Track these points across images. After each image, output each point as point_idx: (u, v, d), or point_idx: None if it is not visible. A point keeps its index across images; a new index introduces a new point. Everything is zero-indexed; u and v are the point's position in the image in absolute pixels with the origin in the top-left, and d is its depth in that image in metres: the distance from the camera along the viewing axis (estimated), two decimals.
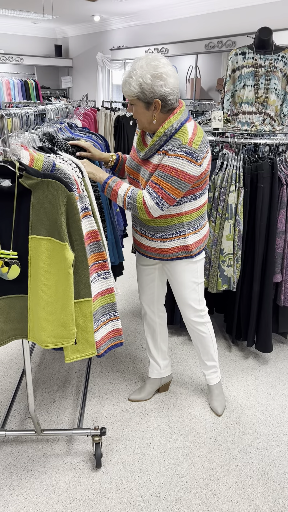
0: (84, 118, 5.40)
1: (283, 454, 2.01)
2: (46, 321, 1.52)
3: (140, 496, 1.80)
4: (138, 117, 1.78)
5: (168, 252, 1.94)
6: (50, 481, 1.86)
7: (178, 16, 7.53)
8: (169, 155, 1.70)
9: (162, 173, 1.71)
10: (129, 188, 1.78)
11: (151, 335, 2.29)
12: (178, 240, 1.91)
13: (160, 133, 1.72)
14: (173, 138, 1.70)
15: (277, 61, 2.91)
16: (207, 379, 2.29)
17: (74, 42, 10.37)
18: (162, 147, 1.74)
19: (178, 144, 1.68)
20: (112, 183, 1.79)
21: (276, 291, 2.58)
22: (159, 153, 1.75)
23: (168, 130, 1.71)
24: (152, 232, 1.92)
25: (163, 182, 1.71)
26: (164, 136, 1.71)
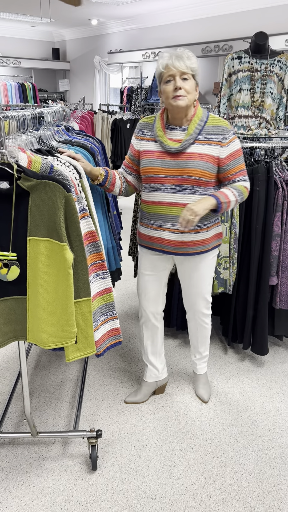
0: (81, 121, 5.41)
1: (278, 456, 2.01)
2: (46, 322, 1.52)
3: (136, 498, 1.80)
4: (188, 93, 1.78)
5: (209, 242, 2.00)
6: (45, 484, 1.86)
7: (175, 20, 7.58)
8: (225, 144, 1.86)
9: (235, 160, 1.89)
10: (232, 190, 1.85)
11: (151, 341, 2.27)
12: (215, 228, 2.02)
13: (196, 120, 1.84)
14: (215, 126, 1.84)
15: (273, 65, 2.93)
16: (198, 368, 2.38)
17: (71, 45, 10.40)
18: (200, 135, 1.83)
19: (226, 131, 1.86)
20: (222, 198, 1.81)
21: (271, 293, 2.59)
22: (198, 142, 1.83)
23: (202, 117, 1.85)
24: (198, 223, 1.93)
25: (241, 164, 1.91)
26: (200, 123, 1.84)
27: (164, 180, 1.88)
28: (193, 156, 1.83)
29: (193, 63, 1.76)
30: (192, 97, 1.80)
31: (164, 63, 1.77)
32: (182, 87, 1.76)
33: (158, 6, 7.29)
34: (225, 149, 1.86)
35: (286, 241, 2.47)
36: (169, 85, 1.78)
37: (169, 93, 1.78)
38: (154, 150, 1.90)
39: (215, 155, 1.85)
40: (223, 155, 1.86)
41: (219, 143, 1.84)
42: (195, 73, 1.79)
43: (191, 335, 2.32)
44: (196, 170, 1.83)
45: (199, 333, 2.27)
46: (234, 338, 2.74)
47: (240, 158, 1.91)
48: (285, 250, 2.48)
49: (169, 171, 1.86)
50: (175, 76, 1.76)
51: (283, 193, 2.42)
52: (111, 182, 1.98)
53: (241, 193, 1.89)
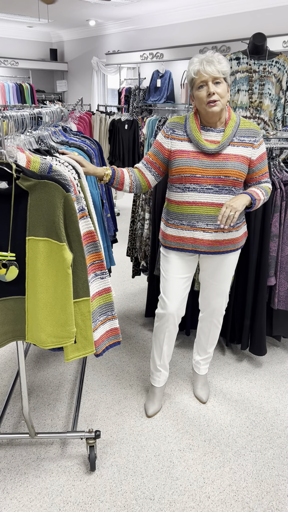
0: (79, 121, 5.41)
1: (276, 456, 2.01)
2: (45, 322, 1.52)
3: (135, 499, 1.80)
4: (222, 97, 1.80)
5: (239, 240, 2.05)
6: (44, 485, 1.85)
7: (173, 21, 7.59)
8: (257, 146, 1.91)
9: (263, 162, 1.96)
10: (261, 190, 1.91)
11: (168, 346, 2.18)
12: (243, 226, 2.07)
13: (232, 123, 1.89)
14: (247, 129, 1.90)
15: (271, 66, 2.94)
16: (201, 368, 2.39)
17: (69, 46, 10.40)
18: (234, 137, 1.88)
19: (257, 133, 1.92)
20: (256, 195, 1.86)
21: (270, 294, 2.59)
22: (233, 144, 1.88)
23: (237, 120, 1.90)
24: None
25: (266, 166, 1.98)
26: (235, 126, 1.88)
27: (201, 180, 1.88)
28: (230, 157, 1.87)
29: (224, 67, 1.77)
30: (225, 100, 1.83)
31: (195, 69, 1.77)
32: (216, 92, 1.77)
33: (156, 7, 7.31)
34: (256, 151, 1.91)
35: (284, 242, 2.47)
36: (202, 90, 1.79)
37: (203, 98, 1.79)
38: (190, 150, 1.89)
39: (248, 156, 1.90)
40: (254, 156, 1.92)
41: (252, 145, 1.90)
42: (226, 76, 1.81)
43: (202, 336, 2.31)
44: (234, 171, 1.87)
45: (211, 334, 2.28)
46: (233, 339, 2.74)
47: (266, 161, 1.98)
48: (283, 251, 2.48)
49: (206, 171, 1.87)
50: (207, 81, 1.76)
51: (281, 194, 2.42)
52: (119, 181, 1.95)
53: (267, 193, 1.96)
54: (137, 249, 3.01)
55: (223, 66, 1.77)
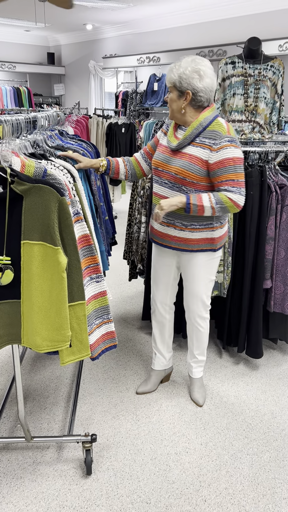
0: (76, 125, 5.42)
1: (273, 459, 2.01)
2: (40, 325, 1.52)
3: (131, 503, 1.79)
4: (171, 104, 1.96)
5: (194, 243, 2.05)
6: (40, 489, 1.85)
7: (169, 25, 7.62)
8: (216, 150, 1.86)
9: (224, 168, 1.86)
10: (210, 196, 1.87)
11: (159, 330, 2.38)
12: (206, 232, 2.04)
13: (195, 124, 1.91)
14: (212, 131, 1.88)
15: (266, 70, 2.96)
16: (193, 372, 2.40)
17: (66, 50, 10.43)
18: (196, 138, 1.91)
19: (219, 136, 1.87)
20: (194, 200, 1.86)
21: (266, 297, 2.60)
22: (194, 144, 1.91)
23: (203, 121, 1.90)
24: (183, 221, 2.01)
25: (231, 174, 1.86)
26: (199, 127, 1.90)
27: (162, 174, 2.02)
28: (185, 156, 1.93)
29: (172, 75, 1.89)
30: (176, 107, 1.94)
31: None
32: (166, 100, 1.98)
33: (152, 12, 7.34)
34: (214, 155, 1.87)
35: (280, 245, 2.48)
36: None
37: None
38: (164, 145, 2.05)
39: (204, 159, 1.89)
40: (211, 160, 1.88)
41: (210, 147, 1.89)
42: (175, 83, 1.90)
43: (188, 337, 2.36)
44: (180, 169, 1.93)
45: (194, 336, 2.30)
46: (229, 342, 2.75)
47: (230, 167, 1.85)
48: (279, 254, 2.49)
49: (166, 166, 1.98)
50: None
51: (277, 197, 2.43)
52: (114, 170, 2.12)
53: (221, 202, 1.85)
54: (133, 252, 3.01)
55: (172, 74, 1.89)
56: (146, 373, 2.63)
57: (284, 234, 2.46)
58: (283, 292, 2.52)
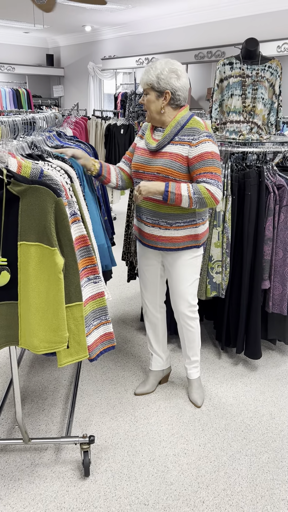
0: (75, 126, 5.42)
1: (271, 460, 2.01)
2: (38, 327, 1.52)
3: (129, 504, 1.79)
4: (149, 106, 1.96)
5: (179, 241, 2.07)
6: (37, 491, 1.84)
7: (168, 26, 7.63)
8: (195, 145, 1.90)
9: (202, 161, 1.89)
10: (189, 186, 1.88)
11: (152, 330, 2.39)
12: (189, 229, 2.06)
13: (173, 123, 1.94)
14: (190, 128, 1.93)
15: (263, 71, 2.96)
16: (189, 373, 2.40)
17: (65, 52, 10.44)
18: (175, 136, 1.94)
19: (198, 132, 1.92)
20: (172, 188, 1.88)
21: (264, 297, 2.60)
22: (173, 143, 1.94)
23: (181, 120, 1.94)
24: (167, 220, 2.03)
25: (209, 167, 1.89)
26: (177, 125, 1.94)
27: (143, 176, 2.03)
28: (165, 155, 1.96)
29: (149, 76, 1.90)
30: (154, 108, 1.95)
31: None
32: (143, 103, 1.99)
33: (151, 13, 7.35)
34: (193, 149, 1.91)
35: (278, 245, 2.48)
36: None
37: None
38: (141, 148, 2.08)
39: (184, 155, 1.93)
40: (191, 155, 1.92)
41: (189, 143, 1.93)
42: (153, 85, 1.91)
43: (180, 339, 2.36)
44: (163, 168, 1.95)
45: (185, 337, 2.30)
46: (228, 343, 2.74)
47: (209, 161, 1.89)
48: (277, 254, 2.49)
49: (148, 167, 2.01)
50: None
51: (275, 198, 2.43)
52: (106, 171, 2.10)
53: (199, 192, 1.86)
54: (132, 253, 3.01)
55: (149, 75, 1.90)
56: (144, 374, 2.62)
57: (282, 234, 2.46)
58: (281, 293, 2.52)
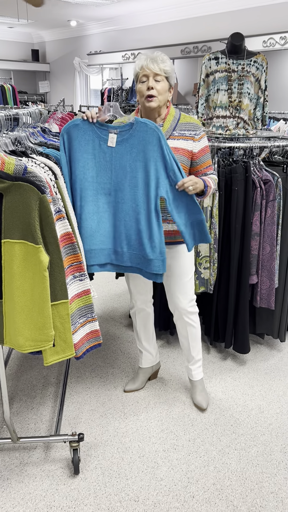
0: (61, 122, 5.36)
1: (260, 454, 2.02)
2: (23, 325, 1.50)
3: (119, 501, 1.79)
4: (160, 94, 1.89)
5: (178, 234, 2.06)
6: (27, 490, 1.83)
7: (154, 21, 7.60)
8: (198, 139, 1.97)
9: (206, 155, 2.01)
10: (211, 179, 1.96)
11: (143, 327, 2.35)
12: None
13: (170, 118, 1.96)
14: (187, 123, 1.96)
15: (249, 66, 2.96)
16: (193, 374, 2.33)
17: (51, 47, 10.34)
18: (174, 131, 1.95)
19: (198, 127, 1.98)
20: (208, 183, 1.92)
21: (252, 292, 2.61)
22: (173, 137, 1.94)
23: (175, 115, 1.98)
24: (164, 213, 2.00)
25: (209, 159, 2.03)
26: (174, 120, 1.96)
27: None
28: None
29: (166, 66, 1.89)
30: (163, 98, 1.92)
31: (140, 64, 1.91)
32: (154, 87, 1.89)
33: (137, 8, 7.30)
34: (197, 144, 1.97)
35: (265, 240, 2.49)
36: (143, 84, 1.92)
37: (143, 92, 1.91)
38: None
39: (189, 149, 1.97)
40: (196, 149, 1.98)
41: (192, 138, 1.96)
42: (168, 75, 1.91)
43: (183, 340, 2.27)
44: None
45: (188, 335, 2.22)
46: (216, 337, 2.75)
47: (209, 154, 2.03)
48: (264, 249, 2.50)
49: None
50: (148, 76, 1.90)
51: (261, 193, 2.44)
52: None
53: (216, 184, 2.02)
54: None
55: (166, 65, 1.89)
56: (133, 371, 2.62)
57: (269, 229, 2.47)
58: (269, 287, 2.53)
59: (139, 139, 1.80)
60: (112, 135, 1.80)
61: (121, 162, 1.82)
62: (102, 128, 1.81)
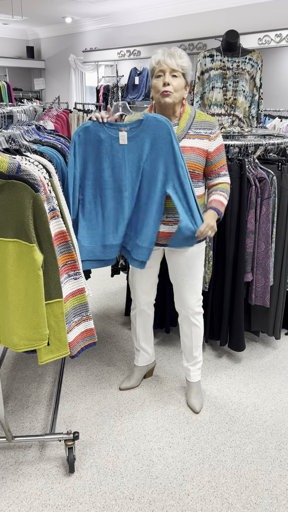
0: (57, 120, 5.34)
1: (255, 451, 2.03)
2: (17, 324, 1.49)
3: (114, 499, 1.79)
4: (176, 91, 1.85)
5: None
6: (22, 489, 1.83)
7: (150, 18, 7.57)
8: (213, 138, 1.95)
9: (220, 154, 1.99)
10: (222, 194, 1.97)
11: (143, 328, 2.34)
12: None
13: (186, 116, 1.92)
14: (203, 121, 1.93)
15: (244, 63, 2.95)
16: (191, 375, 2.31)
17: (46, 44, 10.29)
18: (189, 130, 1.91)
19: (213, 125, 1.95)
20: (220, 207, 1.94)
21: (247, 290, 2.61)
22: (188, 136, 1.91)
23: (191, 113, 1.94)
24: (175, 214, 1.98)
25: (224, 159, 2.01)
26: (190, 119, 1.92)
27: None
28: (186, 149, 1.91)
29: (184, 62, 1.84)
30: (179, 95, 1.87)
31: (156, 59, 1.86)
32: (170, 83, 1.84)
33: (132, 5, 7.28)
34: (213, 143, 1.95)
35: (260, 238, 2.49)
36: (159, 80, 1.87)
37: (158, 88, 1.86)
38: None
39: (204, 149, 1.94)
40: (211, 148, 1.95)
41: (208, 137, 1.94)
42: (185, 72, 1.86)
43: (185, 339, 2.25)
44: (190, 163, 1.92)
45: (192, 336, 2.21)
46: (211, 335, 2.76)
47: (224, 153, 2.01)
48: (259, 247, 2.50)
49: None
50: (165, 72, 1.84)
51: (256, 190, 2.44)
52: None
53: (228, 192, 2.02)
54: None
55: (183, 61, 1.84)
56: (129, 369, 2.62)
57: (264, 227, 2.47)
58: (264, 285, 2.53)
59: (149, 134, 1.80)
60: (122, 133, 1.81)
61: (133, 158, 1.84)
62: (112, 128, 1.83)
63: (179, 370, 2.61)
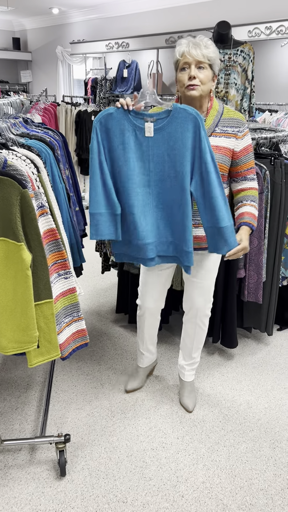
0: (44, 113, 5.24)
1: (249, 450, 2.01)
2: (5, 326, 1.43)
3: (107, 503, 1.75)
4: (203, 83, 1.72)
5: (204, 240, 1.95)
6: (12, 494, 1.78)
7: (138, 10, 7.46)
8: (241, 137, 1.82)
9: (248, 155, 1.86)
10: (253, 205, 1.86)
11: (150, 332, 2.25)
12: None
13: (213, 113, 1.80)
14: (231, 118, 1.81)
15: (236, 55, 2.90)
16: (185, 374, 2.27)
17: (32, 35, 10.10)
18: (216, 127, 1.80)
19: (242, 123, 1.83)
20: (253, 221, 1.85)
21: (239, 286, 2.58)
22: (215, 134, 1.80)
23: (219, 109, 1.82)
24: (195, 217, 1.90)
25: (252, 161, 1.88)
26: (217, 116, 1.81)
27: None
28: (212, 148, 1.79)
29: (210, 52, 1.70)
30: (206, 87, 1.74)
31: (181, 51, 1.72)
32: (197, 76, 1.70)
33: None
34: (240, 142, 1.83)
35: (253, 234, 2.45)
36: (184, 73, 1.73)
37: (183, 81, 1.73)
38: None
39: (231, 148, 1.83)
40: (238, 148, 1.83)
41: (235, 135, 1.81)
42: (212, 63, 1.72)
43: (187, 339, 2.20)
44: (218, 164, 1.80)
45: (195, 337, 2.16)
46: None
47: (252, 154, 1.87)
48: (252, 243, 2.46)
49: None
50: (190, 64, 1.70)
51: None
52: None
53: (256, 199, 1.90)
54: (106, 244, 2.94)
55: (210, 51, 1.69)
56: (121, 367, 2.58)
57: (257, 223, 2.43)
58: (256, 281, 2.50)
59: (177, 127, 1.65)
60: (149, 124, 1.66)
61: (158, 151, 1.69)
62: (138, 117, 1.67)
63: (172, 368, 2.57)
